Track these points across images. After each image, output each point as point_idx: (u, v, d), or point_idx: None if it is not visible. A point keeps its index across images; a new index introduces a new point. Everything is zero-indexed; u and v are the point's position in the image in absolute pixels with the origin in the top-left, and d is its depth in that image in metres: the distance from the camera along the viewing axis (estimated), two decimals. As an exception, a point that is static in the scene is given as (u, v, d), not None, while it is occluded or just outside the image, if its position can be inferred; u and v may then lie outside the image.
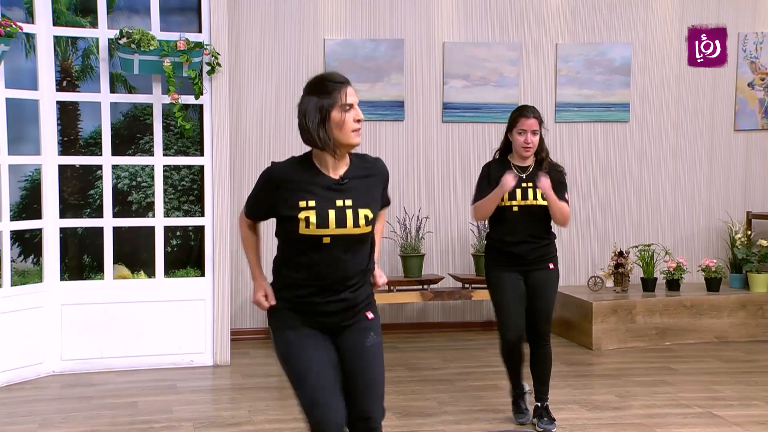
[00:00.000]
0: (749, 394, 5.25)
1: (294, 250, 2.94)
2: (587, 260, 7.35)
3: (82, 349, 5.85)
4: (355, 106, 2.92)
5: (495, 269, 4.55)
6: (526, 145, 4.41)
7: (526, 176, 4.47)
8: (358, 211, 2.91)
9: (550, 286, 4.56)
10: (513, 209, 4.43)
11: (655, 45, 7.35)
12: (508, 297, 4.50)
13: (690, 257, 7.30)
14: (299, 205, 2.87)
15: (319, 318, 2.96)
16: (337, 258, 2.91)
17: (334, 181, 2.93)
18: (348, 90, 2.92)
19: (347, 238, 2.90)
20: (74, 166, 5.98)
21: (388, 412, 4.87)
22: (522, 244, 4.47)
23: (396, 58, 6.96)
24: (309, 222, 2.85)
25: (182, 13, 6.14)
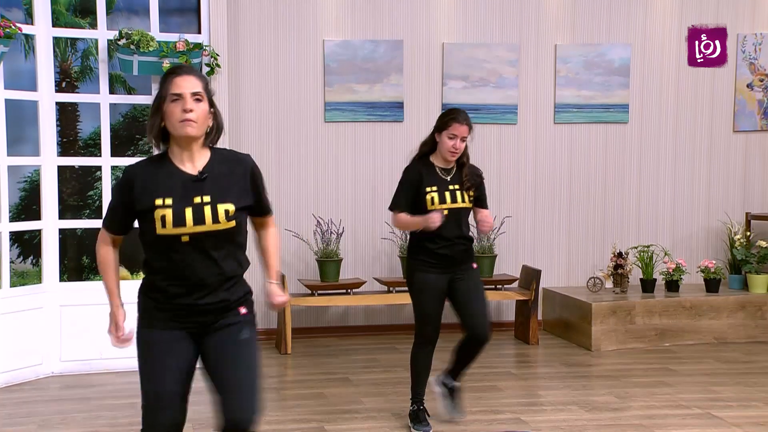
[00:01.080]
0: (748, 395, 5.25)
1: (155, 251, 2.85)
2: (586, 261, 7.35)
3: (82, 350, 5.85)
4: (185, 96, 2.76)
5: (421, 272, 4.50)
6: (453, 150, 4.43)
7: (451, 178, 4.49)
8: (217, 206, 2.80)
9: (480, 283, 4.60)
10: (444, 212, 4.42)
11: (655, 46, 7.36)
12: (434, 301, 4.50)
13: (689, 258, 7.30)
14: (155, 204, 2.78)
15: (191, 317, 2.86)
16: (200, 257, 2.80)
17: (191, 176, 2.82)
18: (177, 80, 2.78)
19: (208, 236, 2.79)
20: (73, 167, 5.98)
21: (387, 412, 4.88)
22: (452, 245, 4.47)
23: (395, 58, 6.97)
24: (165, 221, 2.77)
25: (181, 14, 6.14)
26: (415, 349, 4.62)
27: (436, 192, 4.44)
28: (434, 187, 4.45)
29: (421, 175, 4.49)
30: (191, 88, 2.78)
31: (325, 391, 5.38)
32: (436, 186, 4.46)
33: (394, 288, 6.61)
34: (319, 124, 6.92)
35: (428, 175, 4.48)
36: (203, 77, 2.87)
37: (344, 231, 6.78)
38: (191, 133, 2.78)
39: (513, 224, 7.15)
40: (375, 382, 5.59)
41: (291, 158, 6.88)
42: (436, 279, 4.48)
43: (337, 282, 6.55)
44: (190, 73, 2.82)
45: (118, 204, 2.90)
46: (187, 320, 2.87)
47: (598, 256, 7.34)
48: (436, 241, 4.46)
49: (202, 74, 2.90)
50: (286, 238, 6.76)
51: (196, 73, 2.85)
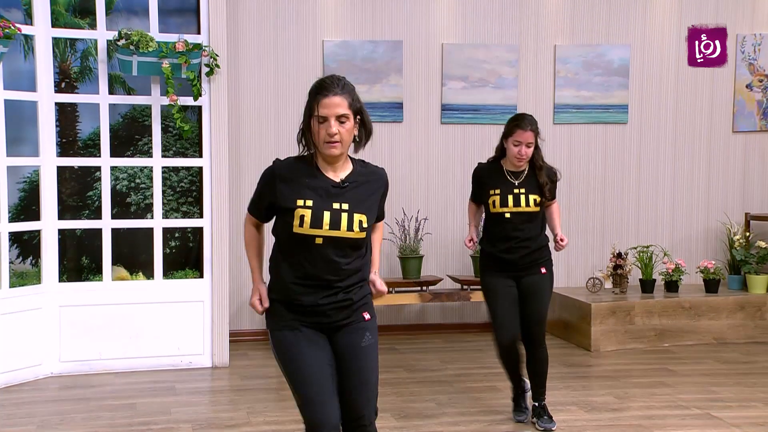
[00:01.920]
0: (748, 396, 5.25)
1: (287, 249, 2.95)
2: (586, 262, 7.35)
3: (81, 351, 5.84)
4: (331, 120, 2.86)
5: (488, 274, 4.58)
6: (519, 156, 4.45)
7: (519, 183, 4.50)
8: (354, 215, 2.92)
9: (542, 290, 4.58)
10: (505, 215, 4.46)
11: (654, 47, 7.36)
12: (501, 302, 4.53)
13: (688, 259, 7.30)
14: (296, 203, 2.89)
15: (314, 317, 2.96)
16: (328, 259, 2.91)
17: (333, 183, 2.94)
18: (324, 101, 2.86)
19: (340, 241, 2.91)
20: (73, 167, 5.98)
21: (387, 413, 4.88)
22: (514, 250, 4.50)
23: (395, 59, 6.97)
24: (303, 221, 2.87)
25: (181, 15, 6.14)
26: (498, 353, 4.64)
27: (498, 195, 4.48)
28: (497, 190, 4.49)
29: (482, 174, 4.58)
30: (336, 112, 2.86)
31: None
32: (500, 189, 4.49)
33: (394, 288, 6.61)
34: (319, 125, 6.91)
35: (493, 177, 4.52)
36: (349, 92, 2.91)
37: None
38: (335, 153, 2.91)
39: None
40: (374, 382, 5.58)
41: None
42: (503, 281, 4.53)
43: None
44: (336, 93, 2.87)
45: (264, 194, 3.01)
46: (310, 320, 2.97)
47: (598, 256, 7.34)
48: (499, 245, 4.51)
49: (348, 88, 2.92)
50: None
51: (341, 91, 2.89)
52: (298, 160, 2.98)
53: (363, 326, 3.02)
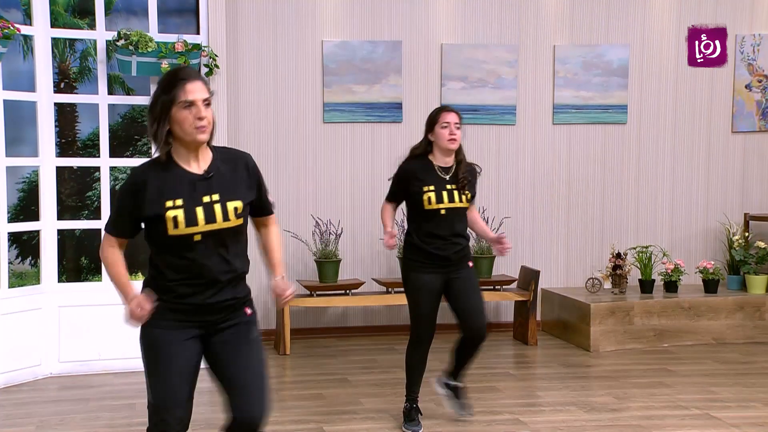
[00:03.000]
0: (747, 396, 5.25)
1: (167, 253, 2.86)
2: (585, 262, 7.35)
3: (80, 351, 5.84)
4: (198, 103, 2.79)
5: (416, 271, 4.52)
6: (451, 136, 4.43)
7: (449, 178, 4.50)
8: (227, 204, 2.86)
9: (476, 282, 4.60)
10: (441, 212, 4.45)
11: (653, 47, 7.36)
12: (428, 298, 4.51)
13: (688, 259, 7.30)
14: (166, 205, 2.80)
15: (201, 316, 2.89)
16: (212, 254, 2.85)
17: (198, 176, 2.86)
18: (188, 87, 2.79)
19: (219, 233, 2.85)
20: (72, 167, 5.98)
21: (386, 413, 4.88)
22: (449, 245, 4.48)
23: (394, 59, 6.97)
24: (177, 221, 2.80)
25: (180, 15, 6.14)
26: (410, 348, 4.63)
27: (433, 192, 4.44)
28: (431, 186, 4.45)
29: (414, 170, 4.50)
30: (202, 94, 2.82)
31: (323, 391, 5.38)
32: (434, 185, 4.46)
33: (393, 289, 6.61)
34: (318, 125, 6.92)
35: (426, 173, 4.48)
36: (205, 80, 2.91)
37: (343, 232, 6.78)
38: (205, 139, 2.83)
39: (512, 225, 7.15)
40: (374, 382, 5.59)
41: (290, 159, 6.88)
42: (431, 278, 4.49)
43: (336, 283, 6.55)
44: (198, 78, 2.85)
45: (125, 208, 2.90)
46: (195, 319, 2.89)
47: (597, 256, 7.34)
48: (430, 241, 4.47)
49: (203, 77, 2.94)
50: (284, 239, 6.75)
51: (202, 78, 2.88)
52: (156, 163, 2.87)
53: (247, 320, 2.97)
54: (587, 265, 7.33)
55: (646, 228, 7.43)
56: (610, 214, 7.39)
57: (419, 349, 4.59)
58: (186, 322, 2.89)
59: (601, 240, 7.36)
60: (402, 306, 6.95)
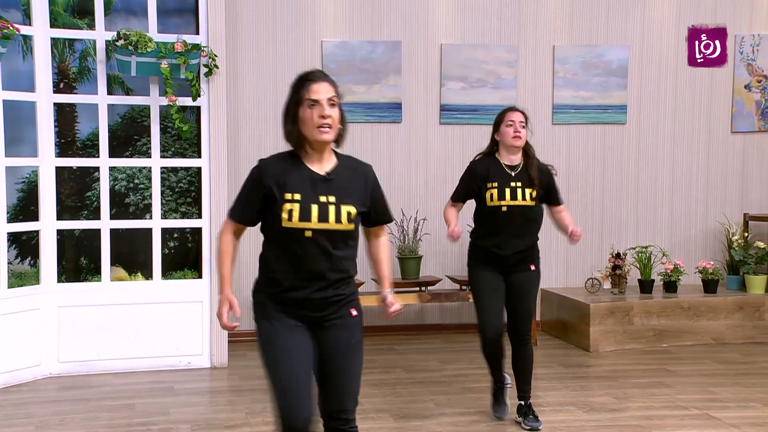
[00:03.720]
0: (746, 396, 5.25)
1: (277, 244, 2.97)
2: (585, 262, 7.35)
3: (80, 351, 5.84)
4: (322, 102, 2.92)
5: (478, 268, 4.56)
6: (516, 134, 4.47)
7: (515, 175, 4.49)
8: (341, 207, 2.95)
9: (531, 287, 4.58)
10: (502, 209, 4.45)
11: (652, 47, 7.36)
12: (490, 295, 4.52)
13: (687, 259, 7.30)
14: (284, 197, 2.92)
15: (303, 311, 2.98)
16: (319, 252, 2.94)
17: (319, 176, 2.97)
18: (313, 87, 2.94)
19: (329, 234, 2.94)
20: (71, 167, 5.97)
21: (386, 413, 4.89)
22: (507, 245, 4.48)
23: (393, 59, 6.97)
24: (292, 215, 2.90)
25: (180, 15, 6.14)
26: (482, 347, 4.63)
27: (496, 188, 4.45)
28: (495, 183, 4.46)
29: (479, 167, 4.55)
30: (327, 94, 2.94)
31: (323, 392, 5.38)
32: (497, 182, 4.46)
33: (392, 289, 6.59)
34: (318, 125, 6.91)
35: (491, 170, 4.51)
36: (333, 82, 3.00)
37: (342, 232, 6.77)
38: (328, 138, 2.94)
39: (511, 225, 7.14)
40: (373, 382, 5.59)
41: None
42: (491, 274, 4.51)
43: (336, 283, 6.54)
44: (325, 79, 2.97)
45: (252, 196, 3.00)
46: (300, 314, 2.99)
47: (596, 256, 7.34)
48: (490, 239, 4.48)
49: (332, 79, 3.03)
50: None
51: (329, 79, 2.99)
52: (283, 157, 3.02)
53: (351, 322, 3.07)
54: (587, 265, 7.34)
55: (645, 228, 7.43)
56: (609, 213, 7.40)
57: (488, 343, 4.58)
58: (292, 314, 2.98)
59: (600, 240, 7.36)
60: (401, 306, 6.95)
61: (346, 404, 3.04)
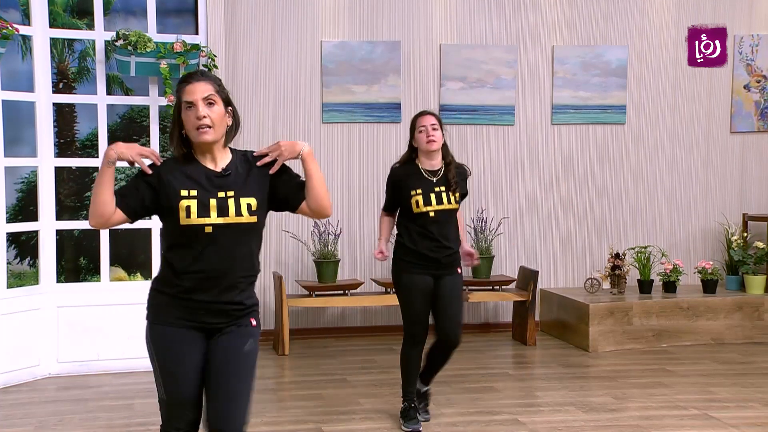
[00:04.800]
0: (745, 396, 5.25)
1: (178, 245, 2.86)
2: (584, 262, 7.35)
3: (79, 352, 5.84)
4: (197, 103, 2.81)
5: (408, 271, 4.54)
6: (429, 138, 4.48)
7: (437, 180, 4.53)
8: (240, 200, 2.85)
9: (460, 289, 4.62)
10: (430, 214, 4.48)
11: (652, 47, 7.37)
12: (420, 299, 4.52)
13: (686, 259, 7.30)
14: (180, 194, 2.82)
15: (203, 317, 2.86)
16: (220, 251, 2.83)
17: (215, 172, 2.88)
18: (188, 88, 2.84)
19: (230, 229, 2.83)
20: (71, 168, 5.98)
21: (385, 413, 4.88)
22: (438, 248, 4.50)
23: (393, 60, 6.97)
24: (190, 211, 2.80)
25: (179, 15, 6.14)
26: (405, 349, 4.64)
27: (421, 195, 4.48)
28: (419, 190, 4.49)
29: (399, 175, 4.56)
30: (202, 93, 2.83)
31: (322, 392, 5.38)
32: (421, 188, 4.49)
33: (392, 289, 6.59)
34: (317, 125, 6.92)
35: (412, 177, 4.52)
36: (214, 79, 2.91)
37: (342, 232, 6.77)
38: (207, 139, 2.84)
39: (510, 225, 7.15)
40: (372, 383, 5.59)
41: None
42: (422, 279, 4.51)
43: (335, 283, 6.55)
44: (200, 79, 2.86)
45: (136, 188, 2.90)
46: (200, 319, 2.87)
47: (596, 257, 7.34)
48: (421, 243, 4.49)
49: (213, 76, 2.93)
50: (283, 239, 6.76)
51: (206, 77, 2.89)
52: (177, 158, 2.92)
53: (248, 332, 2.91)
54: (586, 266, 7.34)
55: (644, 228, 7.43)
56: (608, 214, 7.40)
57: (414, 349, 4.61)
58: (192, 322, 2.86)
59: (599, 240, 7.36)
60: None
61: (230, 423, 2.83)
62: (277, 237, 6.75)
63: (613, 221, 7.40)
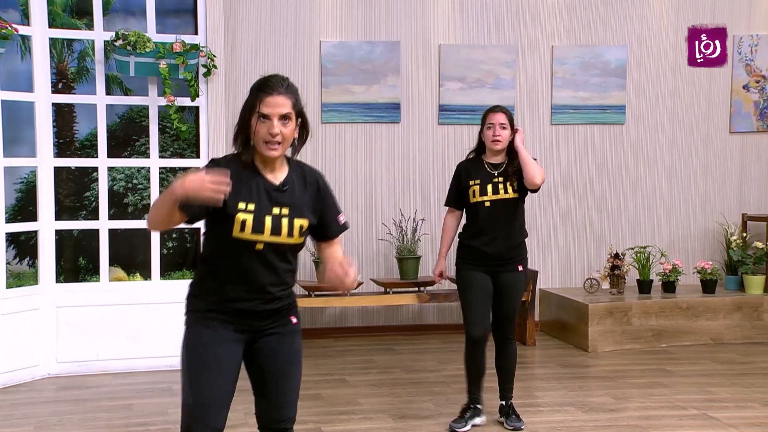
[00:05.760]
0: (745, 396, 5.25)
1: (224, 254, 2.83)
2: (583, 262, 7.35)
3: (78, 352, 5.84)
4: (274, 119, 2.78)
5: (465, 268, 4.58)
6: (494, 137, 4.50)
7: (498, 173, 4.52)
8: (294, 220, 2.84)
9: (518, 287, 4.60)
10: (485, 204, 4.48)
11: (651, 47, 7.37)
12: (477, 296, 4.53)
13: (686, 259, 7.30)
14: (238, 207, 2.77)
15: (246, 321, 2.86)
16: (265, 265, 2.82)
17: (273, 186, 2.84)
18: (267, 99, 2.80)
19: (280, 247, 2.83)
20: (70, 168, 5.97)
21: (384, 413, 4.89)
22: (494, 242, 4.50)
23: (392, 60, 6.97)
24: (245, 225, 2.76)
25: (178, 15, 6.14)
26: (466, 349, 4.64)
27: (478, 185, 4.50)
28: (477, 180, 4.51)
29: (463, 168, 4.59)
30: (280, 110, 2.79)
31: (321, 392, 5.38)
32: (480, 179, 4.51)
33: (391, 289, 6.61)
34: (316, 125, 6.90)
35: (474, 169, 4.56)
36: (294, 92, 2.85)
37: (341, 232, 6.76)
38: (274, 155, 2.81)
39: (510, 225, 7.15)
40: (372, 383, 5.59)
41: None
42: (480, 276, 4.52)
43: (334, 283, 6.54)
44: (281, 93, 2.81)
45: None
46: (241, 323, 2.87)
47: (595, 257, 7.35)
48: (478, 237, 4.50)
49: (292, 89, 2.86)
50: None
51: (288, 91, 2.83)
52: (238, 159, 2.86)
53: (291, 330, 2.95)
54: (585, 266, 7.34)
55: (644, 228, 7.43)
56: (608, 214, 7.40)
57: (474, 348, 4.58)
58: (231, 324, 2.85)
59: (599, 240, 7.37)
60: (400, 306, 6.98)
61: (285, 413, 2.95)
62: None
63: (612, 221, 7.40)
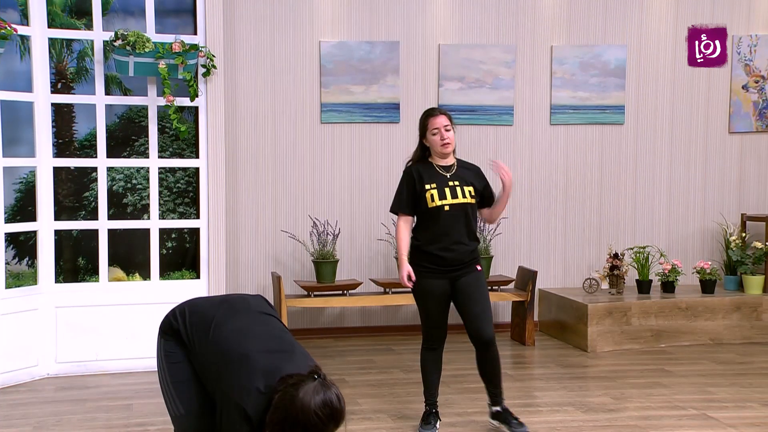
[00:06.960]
0: (744, 396, 5.26)
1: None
2: (582, 262, 7.36)
3: (77, 352, 5.84)
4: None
5: (421, 275, 4.45)
6: (444, 142, 4.44)
7: (451, 175, 4.48)
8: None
9: (483, 286, 4.51)
10: (445, 209, 4.41)
11: (650, 47, 7.37)
12: (436, 303, 4.49)
13: (685, 259, 7.31)
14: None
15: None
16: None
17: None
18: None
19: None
20: (69, 168, 5.97)
21: (384, 414, 4.89)
22: (455, 246, 4.42)
23: (391, 60, 6.97)
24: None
25: (177, 15, 6.14)
26: (423, 353, 4.63)
27: (435, 189, 4.43)
28: (433, 184, 4.44)
29: (415, 171, 4.49)
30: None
31: (321, 392, 5.37)
32: (436, 183, 4.44)
33: (390, 289, 6.61)
34: (316, 126, 6.92)
35: (426, 173, 4.47)
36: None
37: (340, 232, 6.78)
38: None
39: (509, 225, 7.15)
40: (371, 383, 5.59)
41: (287, 159, 6.88)
42: (438, 283, 4.45)
43: (333, 283, 6.55)
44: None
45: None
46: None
47: (594, 257, 7.35)
48: (436, 243, 4.43)
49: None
50: (282, 239, 6.76)
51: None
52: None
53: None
54: (584, 266, 7.34)
55: (643, 228, 7.44)
56: (607, 214, 7.40)
57: (432, 353, 4.59)
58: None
59: (598, 240, 7.37)
60: (399, 306, 6.97)
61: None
62: (276, 237, 6.75)
63: (611, 221, 7.41)
